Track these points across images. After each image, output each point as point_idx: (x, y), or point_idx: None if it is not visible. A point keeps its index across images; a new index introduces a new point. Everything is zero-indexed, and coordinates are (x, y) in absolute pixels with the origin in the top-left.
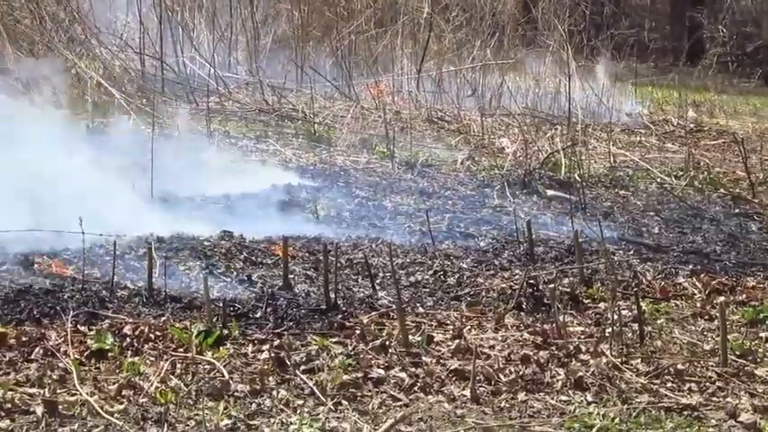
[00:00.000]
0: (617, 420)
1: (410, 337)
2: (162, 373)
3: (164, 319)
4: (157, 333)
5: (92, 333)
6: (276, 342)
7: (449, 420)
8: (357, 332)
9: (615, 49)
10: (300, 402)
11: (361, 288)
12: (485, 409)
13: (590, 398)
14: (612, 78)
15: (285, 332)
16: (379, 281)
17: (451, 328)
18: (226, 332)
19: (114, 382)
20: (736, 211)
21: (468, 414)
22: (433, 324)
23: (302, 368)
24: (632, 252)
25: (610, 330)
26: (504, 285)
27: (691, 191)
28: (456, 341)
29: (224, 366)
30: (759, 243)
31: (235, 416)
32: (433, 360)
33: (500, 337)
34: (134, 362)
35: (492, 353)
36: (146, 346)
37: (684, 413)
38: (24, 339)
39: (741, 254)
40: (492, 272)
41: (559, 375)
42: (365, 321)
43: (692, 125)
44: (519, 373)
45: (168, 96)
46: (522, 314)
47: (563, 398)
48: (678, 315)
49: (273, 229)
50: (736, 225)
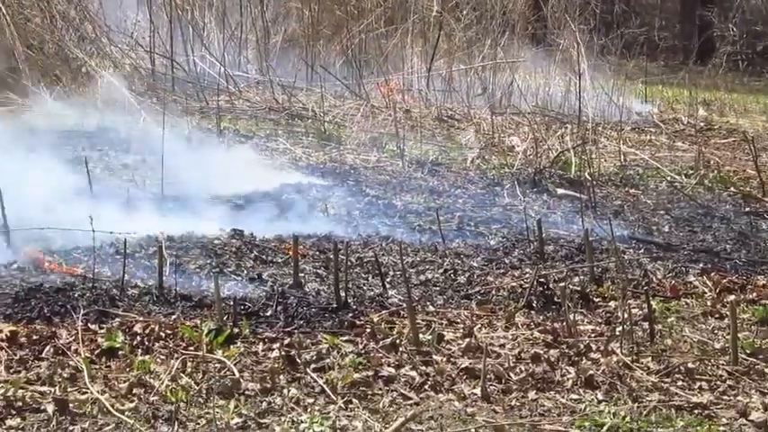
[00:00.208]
0: (627, 419)
1: (420, 335)
2: (172, 372)
3: (174, 317)
4: (168, 331)
5: (102, 331)
6: (287, 340)
7: (459, 419)
8: (367, 331)
9: (625, 47)
10: (311, 401)
11: (371, 287)
12: (495, 407)
13: (600, 396)
14: (623, 77)
15: (296, 331)
16: (389, 279)
17: (462, 326)
18: (236, 331)
19: (125, 381)
20: (747, 209)
21: (479, 412)
22: (443, 323)
23: (313, 366)
24: (642, 251)
25: (620, 329)
26: (515, 284)
27: (701, 189)
28: (466, 340)
29: (234, 365)
30: None
31: (245, 414)
32: (444, 358)
33: (510, 336)
34: (145, 360)
35: (502, 351)
36: (156, 344)
37: (695, 412)
38: (35, 338)
39: (751, 252)
40: (502, 270)
41: (570, 374)
42: (375, 320)
43: (702, 124)
44: (529, 371)
45: (178, 95)
46: (533, 313)
47: (573, 396)
48: (688, 314)
49: (284, 228)
50: (747, 223)
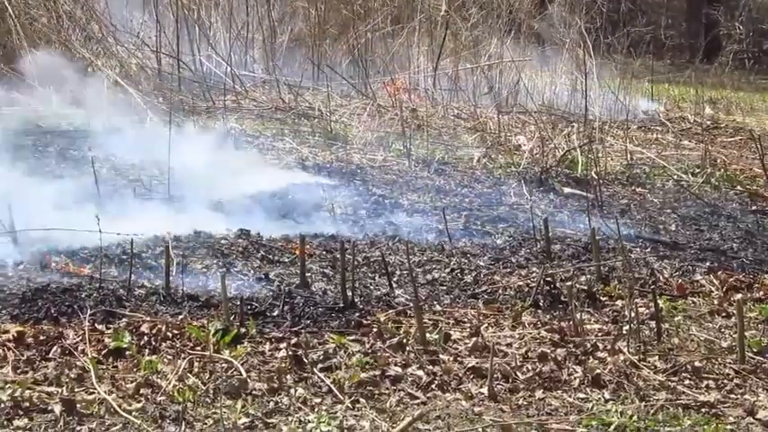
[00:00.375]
0: (635, 418)
1: (427, 334)
2: (179, 372)
3: (181, 317)
4: (175, 331)
5: (109, 332)
6: (293, 340)
7: (466, 418)
8: (374, 330)
9: (632, 46)
10: (318, 400)
11: (378, 286)
12: (502, 406)
13: (607, 395)
14: (629, 75)
15: (302, 330)
16: (396, 279)
17: (469, 325)
18: (243, 330)
19: (132, 381)
20: (753, 208)
21: (486, 412)
22: (450, 322)
23: (320, 366)
24: (649, 249)
25: (627, 328)
26: (522, 283)
27: (707, 188)
28: (473, 339)
29: (241, 365)
30: None
31: (252, 414)
32: (451, 358)
33: (517, 335)
34: (152, 360)
35: (509, 350)
36: (163, 344)
37: (702, 410)
38: (42, 338)
39: (758, 251)
40: (509, 269)
41: (577, 373)
42: (382, 319)
43: (708, 122)
44: (536, 370)
45: (185, 95)
46: (540, 312)
47: (580, 395)
48: (695, 312)
49: (290, 228)
50: (753, 222)
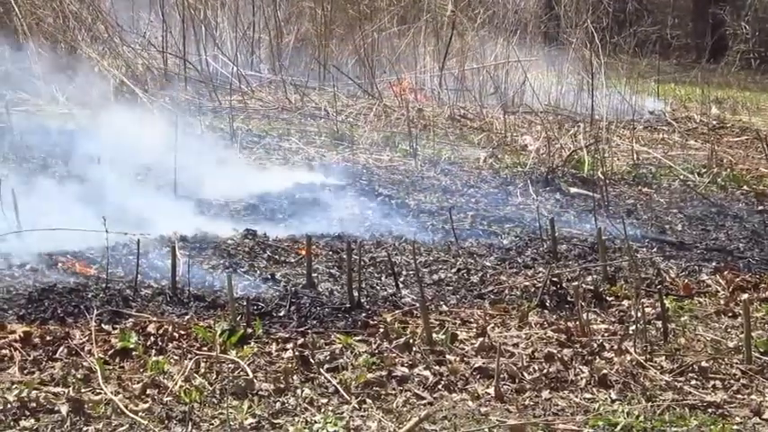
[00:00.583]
0: (641, 418)
1: (434, 335)
2: (186, 372)
3: (187, 317)
4: (181, 332)
5: (116, 332)
6: (300, 341)
7: (473, 418)
8: (381, 330)
9: (638, 46)
10: (324, 401)
11: (384, 286)
12: (509, 407)
13: (614, 395)
14: (635, 75)
15: (309, 331)
16: (402, 279)
17: (475, 326)
18: (250, 331)
19: (138, 381)
20: (760, 207)
21: (493, 412)
22: (456, 322)
23: (326, 367)
24: (655, 249)
25: (633, 328)
26: (528, 283)
27: (714, 188)
28: (480, 339)
29: (248, 365)
30: None
31: (259, 414)
32: (457, 358)
33: (524, 335)
34: (158, 361)
35: (516, 351)
36: (170, 344)
37: (709, 410)
38: (48, 338)
39: (764, 251)
40: (515, 270)
41: (583, 373)
42: (389, 319)
43: (714, 122)
44: (543, 371)
45: (191, 95)
46: (546, 312)
47: (587, 396)
48: (702, 312)
49: (296, 228)
50: (760, 222)
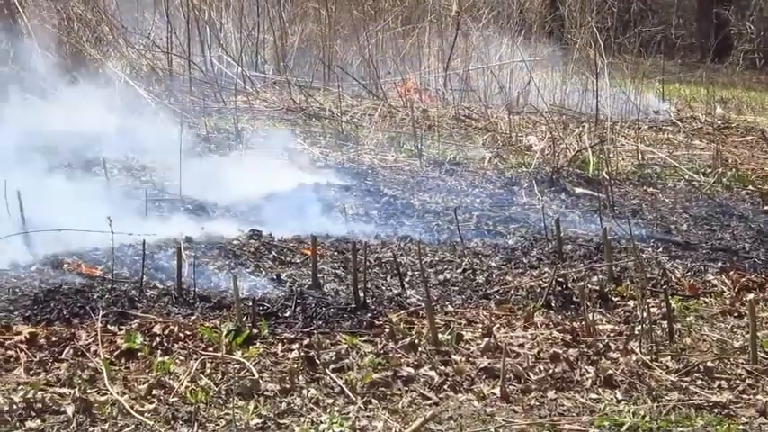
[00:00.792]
0: (647, 418)
1: (439, 335)
2: (192, 373)
3: (193, 318)
4: (187, 332)
5: (121, 333)
6: (306, 341)
7: (478, 419)
8: (386, 331)
9: (642, 46)
10: (330, 401)
11: (390, 287)
12: (514, 407)
13: (620, 396)
14: (640, 75)
15: (314, 331)
16: (407, 279)
17: (481, 326)
18: (255, 331)
19: (144, 382)
20: (765, 207)
21: (498, 412)
22: (462, 322)
23: (332, 367)
24: (661, 249)
25: (639, 328)
26: (533, 283)
27: (719, 188)
28: (485, 339)
29: (254, 365)
30: None
31: (265, 415)
32: (463, 358)
33: (529, 336)
34: (164, 361)
35: (521, 351)
36: (175, 345)
37: (715, 410)
38: (54, 339)
39: None
40: (521, 270)
41: (589, 373)
42: (394, 320)
43: (719, 122)
44: (548, 371)
45: (196, 96)
46: (552, 312)
47: (593, 396)
48: (707, 312)
49: (302, 228)
50: (765, 222)
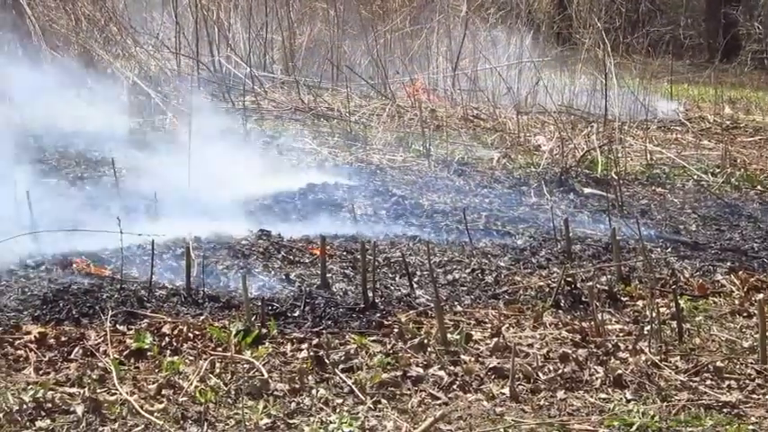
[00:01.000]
0: (656, 418)
1: (448, 335)
2: (201, 373)
3: (202, 318)
4: (196, 332)
5: (131, 332)
6: (315, 341)
7: (488, 419)
8: (395, 331)
9: (651, 46)
10: (340, 401)
11: (398, 287)
12: (524, 407)
13: (629, 396)
14: (648, 75)
15: (323, 331)
16: (416, 279)
17: (490, 326)
18: (264, 331)
19: (154, 382)
20: None
21: (508, 412)
22: (471, 322)
23: (341, 367)
24: (670, 249)
25: (648, 328)
26: (542, 283)
27: (728, 188)
28: (494, 339)
29: (263, 365)
30: None
31: (274, 415)
32: (472, 358)
33: (538, 336)
34: (173, 361)
35: (530, 351)
36: (185, 345)
37: (724, 410)
38: (64, 339)
39: None
40: (529, 270)
41: (598, 373)
42: (403, 320)
43: (728, 122)
44: (558, 371)
45: (204, 96)
46: (561, 312)
47: (602, 396)
48: (716, 312)
49: (311, 228)
50: None
